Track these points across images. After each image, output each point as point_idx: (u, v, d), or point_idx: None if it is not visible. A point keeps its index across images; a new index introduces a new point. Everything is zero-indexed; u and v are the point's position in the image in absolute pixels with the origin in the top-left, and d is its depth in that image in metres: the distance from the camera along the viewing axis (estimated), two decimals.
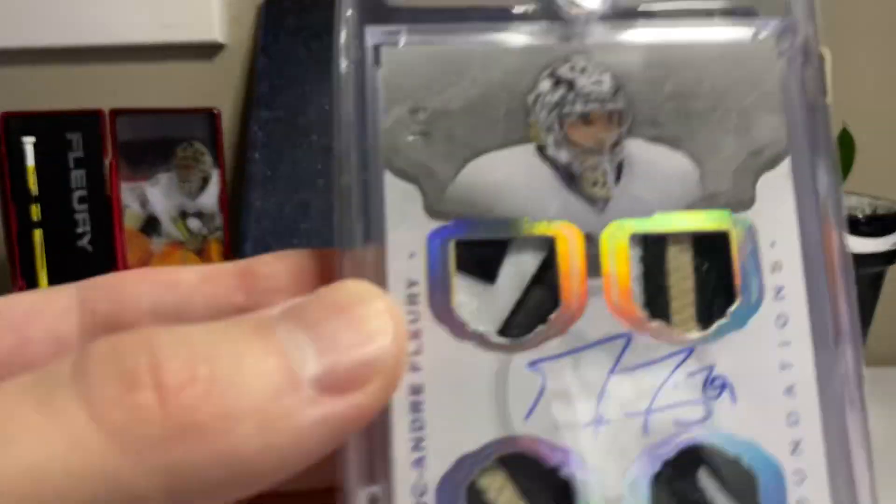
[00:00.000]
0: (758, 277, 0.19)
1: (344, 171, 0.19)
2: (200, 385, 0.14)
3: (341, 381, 0.15)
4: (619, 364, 0.18)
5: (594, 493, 0.18)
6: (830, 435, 0.18)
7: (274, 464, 0.15)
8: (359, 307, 0.16)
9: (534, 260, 0.19)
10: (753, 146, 0.19)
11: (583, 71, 0.20)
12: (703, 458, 0.18)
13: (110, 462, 0.13)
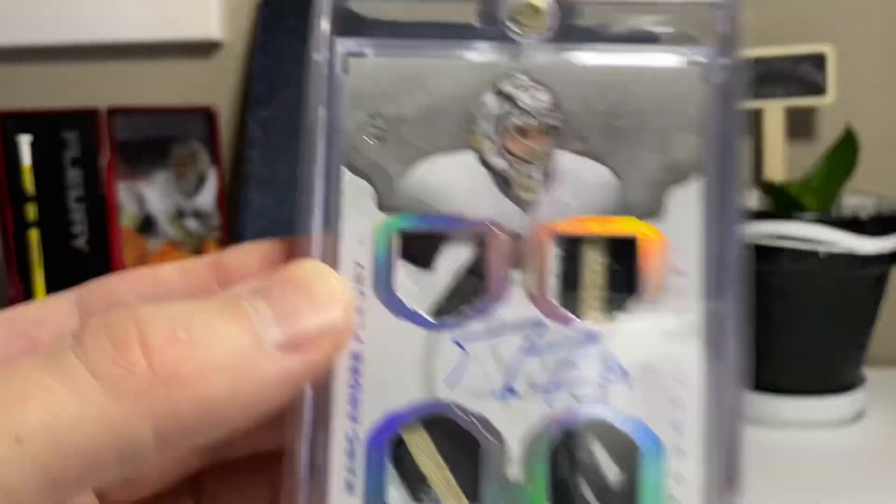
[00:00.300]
0: (659, 278, 0.22)
1: (309, 165, 0.22)
2: (179, 345, 0.18)
3: (298, 342, 0.19)
4: (530, 345, 0.22)
5: (499, 454, 0.21)
6: (709, 419, 0.21)
7: (242, 409, 0.18)
8: (313, 282, 0.20)
9: (468, 252, 0.22)
10: (669, 162, 0.22)
11: (524, 88, 0.22)
12: (596, 430, 0.22)
13: (108, 409, 0.17)
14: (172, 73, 0.74)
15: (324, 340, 0.19)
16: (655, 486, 0.21)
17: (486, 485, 0.21)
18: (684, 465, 0.21)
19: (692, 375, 0.21)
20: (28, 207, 0.60)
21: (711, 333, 0.22)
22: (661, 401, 0.21)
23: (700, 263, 0.22)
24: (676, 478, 0.21)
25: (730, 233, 0.22)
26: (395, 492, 0.22)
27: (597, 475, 0.22)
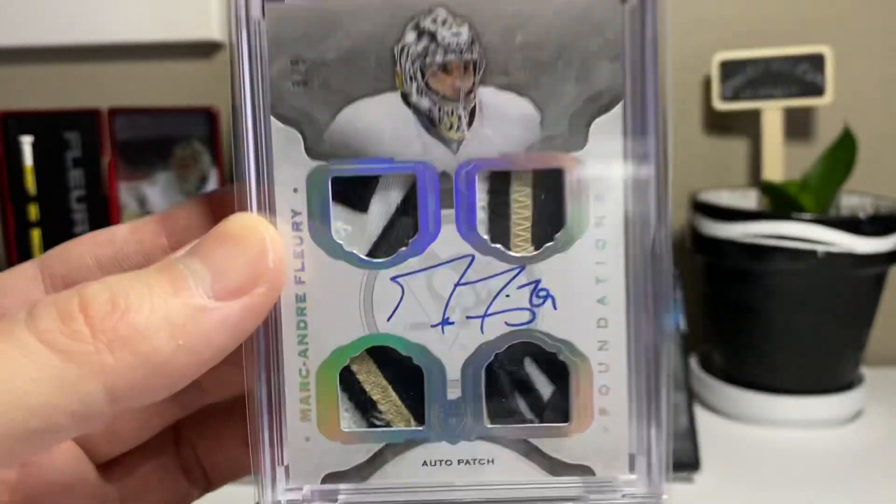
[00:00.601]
0: (584, 208, 0.23)
1: (238, 116, 0.22)
2: (118, 311, 0.19)
3: (231, 290, 0.20)
4: (463, 278, 0.23)
5: (438, 377, 0.23)
6: (632, 336, 0.23)
7: (189, 360, 0.20)
8: (242, 235, 0.21)
9: (399, 193, 0.23)
10: (591, 92, 0.22)
11: (444, 23, 0.22)
12: (528, 351, 0.23)
13: (60, 372, 0.18)
14: (173, 73, 0.74)
15: (258, 286, 0.21)
16: (584, 398, 0.23)
17: (429, 406, 0.23)
18: (610, 378, 0.23)
19: (615, 298, 0.23)
20: (30, 207, 0.61)
21: (633, 260, 0.23)
22: (586, 323, 0.23)
23: (623, 191, 0.23)
24: (603, 391, 0.23)
25: (650, 159, 0.22)
26: (347, 416, 0.24)
27: (530, 390, 0.24)
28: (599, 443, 0.23)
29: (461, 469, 0.23)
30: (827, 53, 0.67)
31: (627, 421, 0.23)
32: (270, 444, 0.23)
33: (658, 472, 0.23)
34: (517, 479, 0.23)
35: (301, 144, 0.23)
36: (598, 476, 0.23)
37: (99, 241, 0.24)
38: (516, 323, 0.23)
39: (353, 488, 0.23)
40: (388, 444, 0.23)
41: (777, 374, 0.60)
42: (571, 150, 0.23)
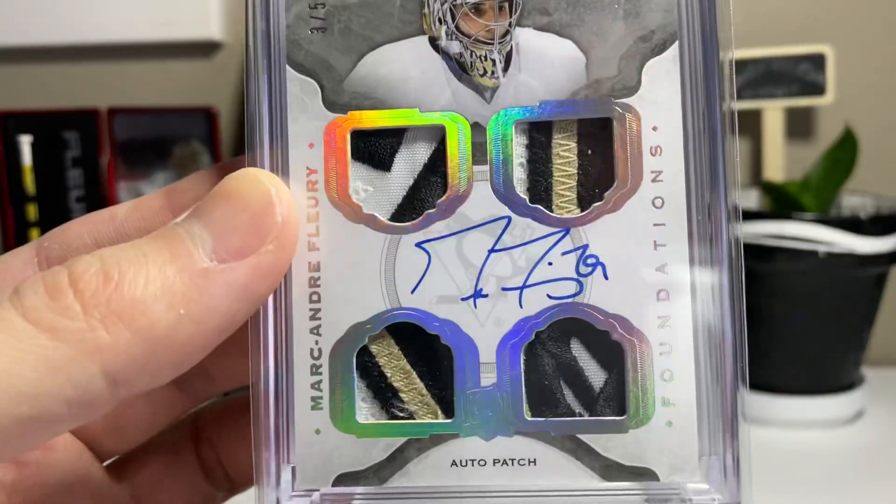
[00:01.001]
0: (637, 162, 0.20)
1: (250, 67, 0.20)
2: (110, 284, 0.17)
3: (236, 250, 0.18)
4: (498, 243, 0.20)
5: (470, 358, 0.20)
6: (699, 311, 0.20)
7: (193, 331, 0.17)
8: (246, 190, 0.18)
9: (426, 149, 0.21)
10: (642, 31, 0.20)
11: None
12: (575, 330, 0.20)
13: (49, 352, 0.16)
14: (173, 73, 0.73)
15: (265, 244, 0.18)
16: (643, 385, 0.20)
17: (459, 394, 0.20)
18: (673, 361, 0.20)
19: (678, 266, 0.20)
20: (29, 207, 0.61)
21: (699, 216, 0.20)
22: (643, 295, 0.20)
23: (682, 141, 0.20)
24: (665, 376, 0.20)
25: (713, 106, 0.20)
26: (364, 406, 0.20)
27: (578, 377, 0.20)
28: (663, 440, 0.19)
29: (497, 470, 0.20)
30: (828, 53, 0.65)
31: (696, 413, 0.19)
32: (276, 439, 0.20)
33: (734, 476, 0.19)
34: (563, 484, 0.20)
35: (318, 95, 0.20)
36: (662, 482, 0.19)
37: (99, 219, 0.22)
38: (561, 295, 0.20)
39: (370, 492, 0.20)
40: (412, 439, 0.20)
41: (777, 374, 0.58)
42: (622, 97, 0.20)
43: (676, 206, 0.20)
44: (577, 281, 0.20)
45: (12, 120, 0.61)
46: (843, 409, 0.58)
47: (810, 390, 0.58)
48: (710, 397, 0.19)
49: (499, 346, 0.20)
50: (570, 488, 0.20)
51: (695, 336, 0.20)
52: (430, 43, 0.20)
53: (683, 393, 0.19)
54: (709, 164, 0.20)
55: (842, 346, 0.59)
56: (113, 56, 0.73)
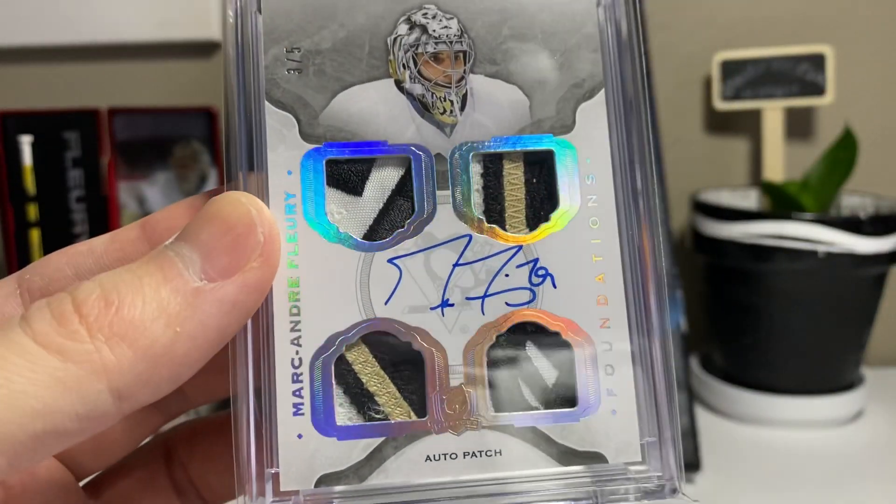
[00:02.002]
0: (576, 188, 0.23)
1: (230, 103, 0.22)
2: (113, 307, 0.18)
3: (224, 269, 0.19)
4: (461, 258, 0.23)
5: (439, 362, 0.22)
6: (632, 312, 0.23)
7: (190, 347, 0.19)
8: (229, 211, 0.20)
9: (394, 175, 0.23)
10: (575, 80, 0.24)
11: (434, 17, 0.23)
12: (529, 335, 0.23)
13: (60, 373, 0.17)
14: (173, 73, 0.73)
15: (251, 261, 0.20)
16: (590, 379, 0.22)
17: (431, 395, 0.22)
18: (614, 357, 0.23)
19: (613, 275, 0.23)
20: (29, 207, 0.59)
21: (629, 232, 0.23)
22: (586, 301, 0.23)
23: (611, 169, 0.23)
24: (608, 370, 0.22)
25: (636, 139, 0.23)
26: (342, 410, 0.22)
27: (534, 375, 0.23)
28: (609, 427, 0.22)
29: (467, 462, 0.22)
30: (828, 53, 0.66)
31: (635, 402, 0.22)
32: (258, 444, 0.21)
33: (672, 457, 0.22)
34: (527, 471, 0.22)
35: (296, 128, 0.22)
36: (611, 464, 0.22)
37: (77, 251, 0.23)
38: (517, 303, 0.23)
39: (350, 491, 0.21)
40: (388, 438, 0.22)
41: (777, 374, 0.59)
42: (561, 134, 0.23)
43: (609, 225, 0.23)
44: (530, 290, 0.23)
45: (12, 120, 0.59)
46: (843, 409, 0.58)
47: (810, 390, 0.58)
48: (647, 387, 0.23)
49: (465, 350, 0.22)
50: (533, 474, 0.22)
51: (630, 333, 0.23)
52: (396, 85, 0.23)
53: (624, 384, 0.22)
54: (631, 189, 0.23)
55: (841, 346, 0.59)
56: (113, 56, 0.72)
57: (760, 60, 0.67)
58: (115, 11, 0.70)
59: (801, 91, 0.67)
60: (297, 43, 0.23)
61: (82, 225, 0.61)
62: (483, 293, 0.22)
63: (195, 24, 0.71)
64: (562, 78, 0.23)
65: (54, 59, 0.73)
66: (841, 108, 0.69)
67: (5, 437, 0.16)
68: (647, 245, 0.23)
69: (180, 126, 0.64)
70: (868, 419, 0.61)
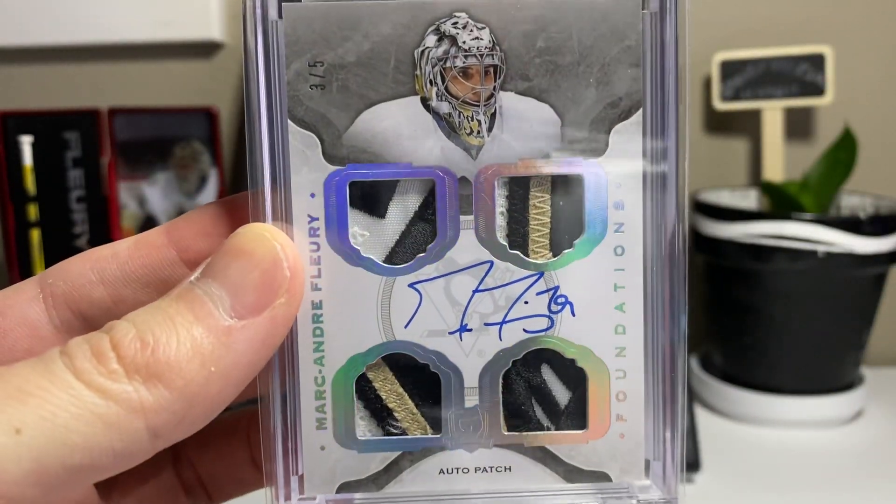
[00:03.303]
0: (602, 214, 0.23)
1: (252, 119, 0.22)
2: (149, 348, 0.19)
3: (253, 306, 0.20)
4: (481, 284, 0.23)
5: (456, 384, 0.23)
6: (649, 342, 0.23)
7: (223, 385, 0.20)
8: (255, 248, 0.20)
9: (418, 198, 0.23)
10: (611, 98, 0.22)
11: (464, 27, 0.22)
12: (545, 358, 0.23)
13: (101, 409, 0.18)
14: (174, 73, 0.73)
15: (278, 297, 0.20)
16: (601, 405, 0.23)
17: (446, 413, 0.23)
18: (627, 384, 0.23)
19: (634, 305, 0.23)
20: (29, 207, 0.60)
21: (650, 267, 0.23)
22: (604, 330, 0.23)
23: (642, 197, 0.23)
24: (619, 397, 0.23)
25: (670, 166, 0.22)
26: (362, 424, 0.23)
27: (547, 397, 0.24)
28: (616, 449, 0.23)
29: (478, 477, 0.23)
30: (827, 53, 0.66)
31: (644, 427, 0.23)
32: (284, 454, 0.23)
33: (673, 476, 0.23)
34: (534, 487, 0.23)
35: (319, 148, 0.22)
36: (615, 482, 0.23)
37: (101, 256, 0.23)
38: (535, 330, 0.23)
39: (369, 497, 0.23)
40: (405, 452, 0.23)
41: (777, 374, 0.60)
42: (592, 156, 0.22)
43: (634, 254, 0.23)
44: (548, 317, 0.23)
45: (12, 120, 0.59)
46: (843, 409, 0.59)
47: (810, 390, 0.59)
48: (655, 414, 0.23)
49: (481, 374, 0.23)
50: (540, 490, 0.23)
51: (645, 365, 0.23)
52: (422, 103, 0.22)
53: (634, 411, 0.23)
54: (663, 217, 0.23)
55: (841, 346, 0.59)
56: (113, 56, 0.71)
57: (760, 60, 0.67)
58: (115, 11, 0.69)
59: (800, 91, 0.67)
60: (319, 56, 0.22)
61: (82, 225, 0.61)
62: (501, 319, 0.23)
63: (195, 24, 0.69)
64: (597, 96, 0.22)
65: (54, 59, 0.72)
66: (841, 108, 0.69)
67: (45, 469, 0.17)
68: (669, 277, 0.23)
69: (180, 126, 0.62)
70: (868, 419, 0.61)
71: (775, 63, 0.67)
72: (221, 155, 0.64)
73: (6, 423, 0.17)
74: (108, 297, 0.23)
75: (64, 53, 0.72)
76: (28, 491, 0.17)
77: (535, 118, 0.22)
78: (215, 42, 0.71)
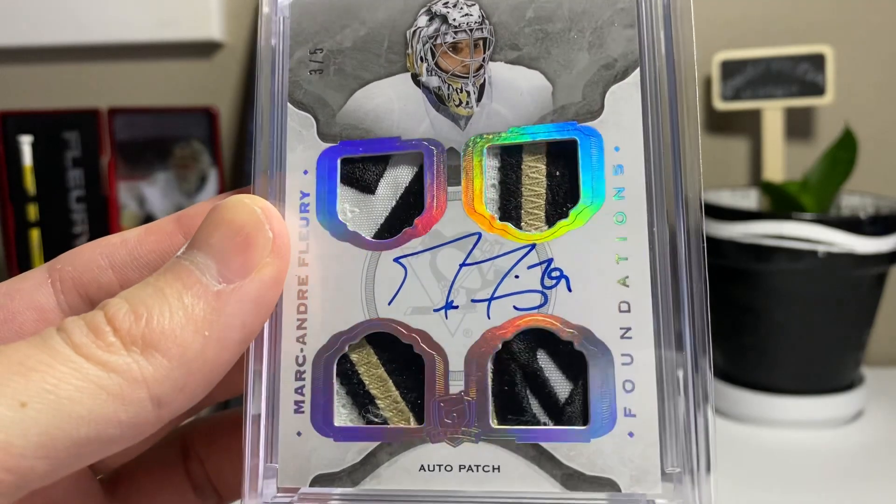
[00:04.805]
0: (600, 180, 0.21)
1: (258, 105, 0.23)
2: (143, 319, 0.19)
3: (239, 268, 0.20)
4: (468, 258, 0.21)
5: (439, 367, 0.21)
6: (660, 322, 0.20)
7: (219, 349, 0.19)
8: (236, 215, 0.21)
9: (408, 172, 0.22)
10: (606, 60, 0.21)
11: (455, 5, 0.22)
12: (541, 342, 0.21)
13: (103, 381, 0.18)
14: (173, 73, 0.74)
15: (262, 258, 0.20)
16: (605, 395, 0.20)
17: (429, 401, 0.21)
18: (635, 371, 0.20)
19: (639, 278, 0.20)
20: (29, 207, 0.61)
21: (660, 230, 0.20)
22: (606, 307, 0.20)
23: (643, 160, 0.20)
24: (627, 387, 0.20)
25: (672, 125, 0.20)
26: (343, 411, 0.22)
27: (543, 386, 0.21)
28: (624, 451, 0.20)
29: (462, 476, 0.20)
30: (827, 53, 0.65)
31: (658, 425, 0.19)
32: (265, 439, 0.21)
33: (694, 488, 0.19)
34: (525, 492, 0.20)
35: (314, 128, 0.23)
36: (624, 492, 0.19)
37: (110, 242, 0.24)
38: (526, 307, 0.21)
39: (347, 494, 0.21)
40: (383, 443, 0.21)
41: (777, 374, 0.58)
42: (587, 121, 0.21)
43: (638, 221, 0.20)
44: (541, 293, 0.21)
45: (12, 120, 0.61)
46: (843, 409, 0.58)
47: (810, 390, 0.58)
48: (672, 409, 0.19)
49: (467, 356, 0.21)
50: (532, 494, 0.20)
51: (656, 348, 0.20)
52: (413, 79, 0.22)
53: (645, 404, 0.20)
54: (672, 180, 0.20)
55: (841, 346, 0.58)
56: (113, 56, 0.74)
57: (760, 60, 0.67)
58: (115, 11, 0.70)
59: (800, 91, 0.66)
60: (320, 44, 0.23)
61: (82, 225, 0.61)
62: (490, 295, 0.21)
63: (195, 24, 0.70)
64: (590, 59, 0.21)
65: (54, 59, 0.74)
66: (841, 108, 0.68)
67: (51, 443, 0.17)
68: (684, 244, 0.20)
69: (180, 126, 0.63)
70: (868, 419, 0.59)
71: (775, 63, 0.66)
72: (221, 154, 0.64)
73: (10, 397, 0.17)
74: (117, 282, 0.23)
75: (64, 53, 0.74)
76: (37, 464, 0.17)
77: (525, 86, 0.22)
78: (215, 42, 0.72)
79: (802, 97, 0.66)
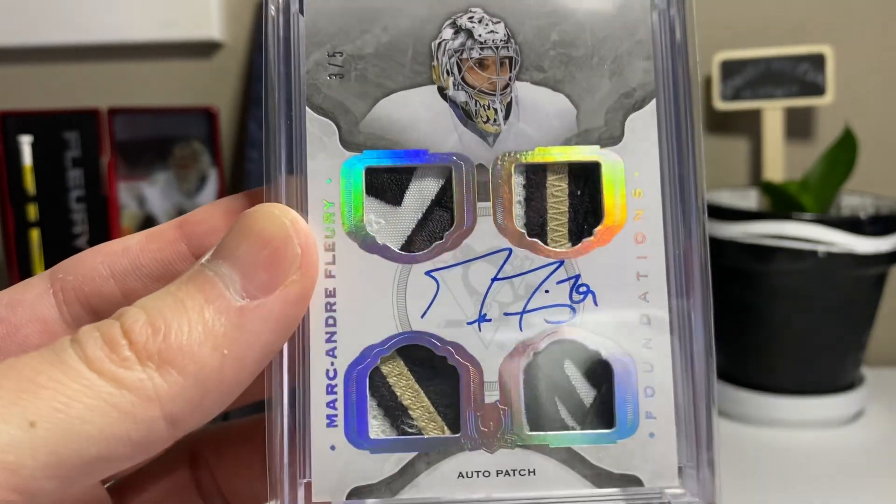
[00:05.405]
0: (622, 201, 0.22)
1: (270, 108, 0.22)
2: (160, 334, 0.18)
3: (264, 285, 0.19)
4: (500, 272, 0.22)
5: (475, 378, 0.22)
6: (677, 333, 0.22)
7: (238, 368, 0.19)
8: (264, 226, 0.20)
9: (434, 185, 0.23)
10: (625, 89, 0.23)
11: (480, 21, 0.23)
12: (567, 353, 0.22)
13: (115, 399, 0.17)
14: (173, 73, 0.73)
15: (290, 274, 0.20)
16: (629, 400, 0.22)
17: (465, 411, 0.22)
18: (655, 378, 0.22)
19: (658, 294, 0.22)
20: (29, 207, 0.60)
21: (675, 250, 0.22)
22: (629, 319, 0.22)
23: (660, 184, 0.22)
24: (648, 392, 0.22)
25: (687, 153, 0.22)
26: (375, 423, 0.22)
27: (571, 394, 0.22)
28: (646, 450, 0.22)
29: (500, 481, 0.22)
30: (827, 53, 0.66)
31: (675, 426, 0.22)
32: (291, 454, 0.21)
33: (709, 482, 0.22)
34: (560, 492, 0.22)
35: (336, 135, 0.22)
36: (646, 487, 0.22)
37: (112, 250, 0.23)
38: (556, 320, 0.22)
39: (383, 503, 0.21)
40: (421, 453, 0.22)
41: (777, 374, 0.59)
42: (608, 145, 0.22)
43: (656, 241, 0.22)
44: (570, 307, 0.22)
45: (12, 120, 0.60)
46: (843, 409, 0.58)
47: (810, 390, 0.58)
48: (686, 411, 0.22)
49: (501, 367, 0.22)
50: (566, 495, 0.22)
51: (672, 356, 0.22)
52: (439, 92, 0.22)
53: (664, 407, 0.22)
54: (682, 205, 0.22)
55: (841, 346, 0.58)
56: (113, 56, 0.72)
57: (760, 60, 0.67)
58: (115, 11, 0.70)
59: (800, 91, 0.67)
60: (339, 47, 0.22)
61: (82, 225, 0.61)
62: (522, 309, 0.22)
63: (195, 24, 0.70)
64: (611, 86, 0.23)
65: (54, 59, 0.73)
66: (841, 108, 0.68)
67: (61, 462, 0.16)
68: (696, 264, 0.22)
69: (180, 126, 0.63)
70: (868, 419, 0.60)
71: (775, 63, 0.67)
72: (221, 155, 0.64)
73: (20, 416, 0.16)
74: (119, 292, 0.22)
75: (64, 53, 0.72)
76: (46, 484, 0.16)
77: (550, 107, 0.23)
78: (215, 42, 0.71)
79: (802, 97, 0.66)
